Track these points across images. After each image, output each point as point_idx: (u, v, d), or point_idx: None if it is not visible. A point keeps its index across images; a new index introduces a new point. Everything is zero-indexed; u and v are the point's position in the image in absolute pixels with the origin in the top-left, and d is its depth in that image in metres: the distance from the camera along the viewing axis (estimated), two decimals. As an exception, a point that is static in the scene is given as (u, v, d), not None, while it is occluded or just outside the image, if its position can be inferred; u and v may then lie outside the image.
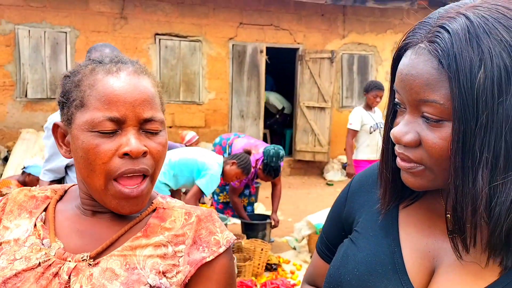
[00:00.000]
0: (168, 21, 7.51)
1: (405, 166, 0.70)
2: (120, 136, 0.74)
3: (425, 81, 0.64)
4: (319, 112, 8.10)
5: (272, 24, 8.08)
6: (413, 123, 0.67)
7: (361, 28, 8.64)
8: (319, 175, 8.54)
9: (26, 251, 0.76)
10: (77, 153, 0.75)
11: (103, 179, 0.74)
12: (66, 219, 0.81)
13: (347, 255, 0.80)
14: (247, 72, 8.02)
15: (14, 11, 6.78)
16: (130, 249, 0.76)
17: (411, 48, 0.67)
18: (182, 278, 0.76)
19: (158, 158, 0.78)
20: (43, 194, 0.85)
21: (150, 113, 0.76)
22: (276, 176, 4.40)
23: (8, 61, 6.84)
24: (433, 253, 0.73)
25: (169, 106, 7.66)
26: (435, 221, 0.75)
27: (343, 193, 0.92)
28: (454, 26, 0.62)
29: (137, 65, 0.80)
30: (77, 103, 0.76)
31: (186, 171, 3.59)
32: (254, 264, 3.69)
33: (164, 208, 0.84)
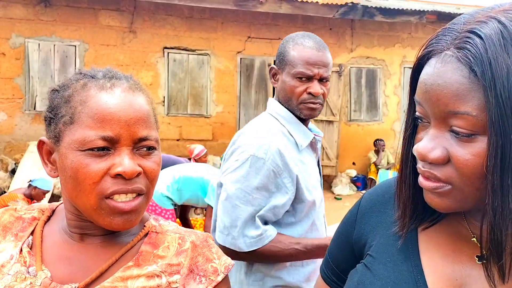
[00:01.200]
0: (177, 35, 7.55)
1: (431, 186, 0.63)
2: (113, 156, 0.69)
3: (454, 92, 0.58)
4: (327, 125, 8.06)
5: (280, 38, 8.09)
6: (440, 138, 0.61)
7: (369, 42, 8.63)
8: (327, 189, 8.45)
9: (10, 280, 0.70)
10: (66, 172, 0.70)
11: (94, 199, 0.69)
12: (54, 244, 0.75)
13: (362, 282, 0.73)
14: (255, 86, 8.01)
15: (25, 24, 6.85)
16: (121, 280, 0.71)
17: (435, 56, 0.61)
18: None
19: (152, 178, 0.73)
20: (30, 215, 0.79)
21: (146, 132, 0.71)
22: None
23: (18, 74, 6.89)
24: (460, 281, 0.67)
25: (176, 119, 7.65)
26: (459, 245, 0.69)
27: (351, 213, 0.84)
28: (486, 31, 0.57)
29: (131, 81, 0.76)
30: (67, 119, 0.70)
31: (192, 186, 3.57)
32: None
33: (157, 232, 0.78)
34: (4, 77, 6.84)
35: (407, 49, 8.83)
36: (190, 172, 3.62)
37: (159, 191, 3.49)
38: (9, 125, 6.90)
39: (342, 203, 7.54)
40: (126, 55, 7.31)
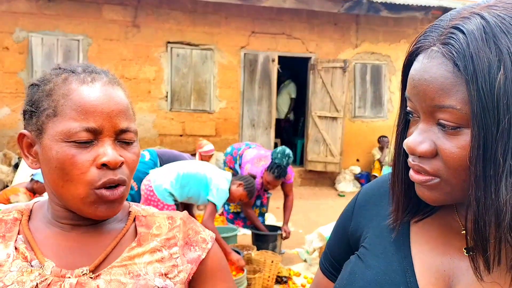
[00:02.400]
0: (180, 30, 7.51)
1: (420, 179, 0.65)
2: (96, 147, 0.73)
3: (439, 86, 0.59)
4: (331, 122, 8.01)
5: (284, 33, 8.05)
6: (428, 131, 0.63)
7: (374, 38, 8.56)
8: (331, 186, 8.42)
9: (16, 275, 0.72)
10: (51, 163, 0.73)
11: (83, 188, 0.73)
12: (47, 238, 0.78)
13: (354, 273, 0.75)
14: (259, 81, 7.97)
15: (28, 19, 6.84)
16: (129, 259, 0.77)
17: (423, 52, 0.63)
18: (185, 276, 0.80)
19: (132, 168, 0.78)
20: (10, 216, 0.81)
21: (126, 123, 0.76)
22: (279, 177, 4.21)
23: (21, 69, 6.88)
24: (448, 273, 0.69)
25: (179, 114, 7.63)
26: (449, 238, 0.71)
27: (349, 207, 0.87)
28: (469, 27, 0.58)
29: (110, 76, 0.80)
30: (49, 112, 0.74)
31: (194, 184, 3.58)
32: (264, 276, 3.60)
33: (144, 215, 0.85)
34: (8, 72, 6.84)
35: (413, 45, 8.75)
36: (194, 170, 3.64)
37: (162, 186, 3.49)
38: (12, 120, 6.90)
39: (345, 200, 7.50)
40: (129, 50, 7.29)
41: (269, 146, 7.91)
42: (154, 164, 4.11)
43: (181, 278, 0.79)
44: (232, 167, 4.89)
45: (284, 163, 4.17)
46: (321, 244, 4.16)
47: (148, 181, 3.57)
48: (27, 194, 3.98)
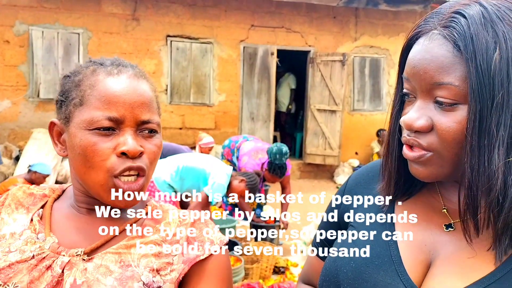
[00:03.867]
0: (180, 23, 7.53)
1: (414, 156, 0.70)
2: (117, 136, 0.76)
3: (440, 64, 0.65)
4: (330, 115, 8.05)
5: (284, 27, 8.06)
6: (425, 108, 0.68)
7: (373, 31, 8.58)
8: (329, 179, 8.48)
9: (21, 244, 0.77)
10: (75, 150, 0.77)
11: (103, 175, 0.76)
12: (62, 217, 0.83)
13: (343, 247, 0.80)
14: (258, 75, 8.00)
15: (28, 12, 6.86)
16: (125, 248, 0.78)
17: (423, 35, 0.68)
18: (176, 275, 0.78)
19: (153, 159, 0.80)
20: (41, 192, 0.87)
21: (148, 115, 0.79)
22: (282, 175, 4.33)
23: (22, 62, 6.92)
24: (429, 246, 0.74)
25: (179, 107, 7.68)
26: (431, 215, 0.76)
27: (339, 191, 0.93)
28: (469, 12, 0.65)
29: (136, 69, 0.83)
30: (77, 101, 0.78)
31: (193, 176, 3.62)
32: (262, 266, 3.66)
33: (158, 210, 0.86)
34: (9, 65, 6.87)
35: (412, 38, 8.77)
36: (194, 163, 3.68)
37: (162, 178, 3.54)
38: (13, 113, 6.95)
39: (344, 193, 7.56)
40: (129, 43, 7.32)
41: (268, 139, 7.96)
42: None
43: (172, 277, 0.78)
44: (229, 159, 4.95)
45: (284, 162, 4.25)
46: (318, 236, 4.22)
47: None
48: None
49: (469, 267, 0.69)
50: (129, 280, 0.74)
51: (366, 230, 0.80)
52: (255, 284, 3.16)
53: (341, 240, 0.83)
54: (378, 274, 0.73)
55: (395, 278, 0.72)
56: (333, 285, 0.77)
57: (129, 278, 0.74)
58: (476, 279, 0.67)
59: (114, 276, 0.74)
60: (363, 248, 0.78)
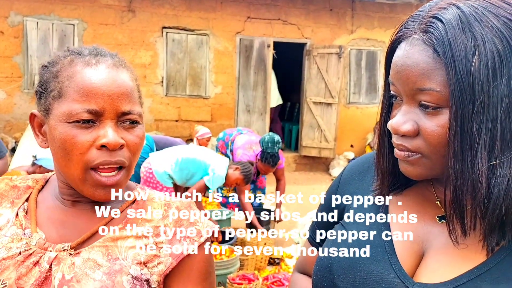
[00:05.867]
0: (176, 15, 7.50)
1: (403, 155, 0.71)
2: (97, 128, 0.74)
3: (421, 70, 0.65)
4: (325, 107, 8.06)
5: (280, 19, 8.04)
6: (411, 113, 0.69)
7: (370, 24, 8.57)
8: (325, 171, 8.51)
9: (7, 240, 0.77)
10: (55, 143, 0.76)
11: (80, 169, 0.74)
12: (47, 209, 0.82)
13: (337, 238, 0.82)
14: (254, 67, 7.99)
15: (23, 2, 6.80)
16: (111, 240, 0.77)
17: (404, 40, 0.69)
18: (163, 269, 0.78)
19: (135, 151, 0.78)
20: (24, 184, 0.85)
21: (128, 106, 0.76)
22: (275, 165, 4.34)
23: (16, 53, 6.88)
24: (422, 237, 0.75)
25: (175, 99, 7.67)
26: (425, 207, 0.78)
27: (335, 182, 0.94)
28: (446, 16, 0.65)
29: (116, 58, 0.80)
30: (55, 93, 0.76)
31: (192, 168, 3.67)
32: (257, 258, 3.69)
33: (143, 200, 0.84)
34: (3, 56, 6.83)
35: (408, 31, 8.76)
36: (193, 155, 3.75)
37: (162, 169, 3.59)
38: (8, 104, 6.92)
39: (339, 185, 7.59)
40: (125, 35, 7.28)
41: (264, 131, 7.96)
42: (150, 149, 4.19)
43: (159, 270, 0.77)
44: (224, 152, 4.96)
45: (276, 151, 4.26)
46: (313, 227, 4.26)
47: (148, 163, 3.68)
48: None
49: (461, 257, 0.70)
50: (117, 273, 0.74)
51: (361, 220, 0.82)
52: (250, 275, 3.19)
53: (336, 230, 0.84)
54: (371, 264, 0.75)
55: (387, 268, 0.73)
56: (327, 274, 0.79)
57: (118, 272, 0.74)
58: (467, 269, 0.68)
59: (102, 270, 0.74)
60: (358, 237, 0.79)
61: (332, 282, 0.77)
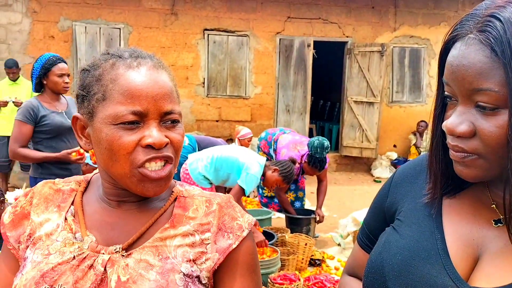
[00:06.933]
0: (217, 16, 7.60)
1: (458, 156, 0.70)
2: (142, 129, 0.76)
3: (478, 70, 0.64)
4: (367, 107, 7.93)
5: (321, 18, 7.98)
6: (467, 113, 0.68)
7: (413, 21, 8.35)
8: (366, 172, 8.37)
9: (60, 245, 0.79)
10: (101, 144, 0.77)
11: (128, 168, 0.76)
12: (95, 212, 0.83)
13: (389, 241, 0.81)
14: (294, 67, 7.98)
15: (72, 8, 7.11)
16: (160, 240, 0.79)
17: (460, 40, 0.68)
18: (211, 264, 0.79)
19: (178, 148, 0.80)
20: (68, 187, 0.87)
21: (170, 106, 0.78)
22: (322, 169, 4.34)
23: (66, 56, 7.18)
24: (477, 241, 0.74)
25: (215, 100, 7.77)
26: (480, 210, 0.76)
27: (386, 185, 0.93)
28: (505, 14, 0.64)
29: (155, 60, 0.82)
30: (99, 96, 0.77)
31: (227, 167, 3.64)
32: (298, 258, 3.69)
33: (185, 196, 0.86)
34: (54, 60, 7.15)
35: (454, 27, 8.46)
36: (227, 154, 3.71)
37: (197, 169, 3.60)
38: (58, 106, 7.24)
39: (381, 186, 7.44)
40: (168, 37, 7.46)
41: (304, 131, 7.94)
42: (193, 149, 4.26)
43: (207, 266, 0.79)
44: (266, 152, 4.98)
45: (324, 156, 4.25)
46: (355, 229, 4.20)
47: (185, 164, 3.71)
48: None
49: None
50: (170, 272, 0.76)
51: (413, 224, 0.81)
52: (292, 275, 3.19)
53: (388, 234, 0.83)
54: (424, 267, 0.74)
55: (441, 271, 0.72)
56: (378, 277, 0.78)
57: (170, 271, 0.76)
58: None
59: (156, 270, 0.76)
60: (410, 241, 0.78)
61: (384, 284, 0.76)
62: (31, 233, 0.81)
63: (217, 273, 0.80)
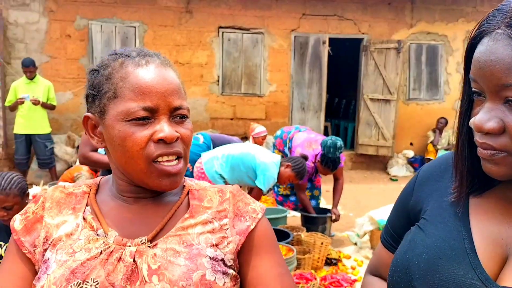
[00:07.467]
0: (232, 14, 7.59)
1: (487, 154, 0.68)
2: (153, 124, 0.79)
3: (506, 66, 0.63)
4: (383, 104, 7.83)
5: (336, 15, 7.91)
6: (495, 110, 0.66)
7: (430, 17, 8.22)
8: (383, 170, 8.28)
9: (84, 243, 0.80)
10: (114, 141, 0.80)
11: (143, 162, 0.79)
12: (112, 209, 0.85)
13: (414, 240, 0.80)
14: (309, 64, 7.92)
15: (88, 7, 7.17)
16: (182, 229, 0.82)
17: (487, 35, 0.67)
18: (234, 247, 0.83)
19: (187, 142, 0.84)
20: (79, 190, 0.89)
21: (179, 101, 0.82)
22: (335, 169, 4.29)
23: (82, 55, 7.25)
24: (506, 240, 0.73)
25: (230, 98, 7.76)
26: (508, 209, 0.75)
27: (410, 184, 0.92)
28: None
29: (162, 58, 0.85)
30: (110, 94, 0.80)
31: (243, 166, 3.64)
32: (314, 257, 3.65)
33: (197, 189, 0.90)
34: (70, 58, 7.23)
35: (472, 23, 8.30)
36: (243, 153, 3.70)
37: (213, 168, 3.59)
38: (75, 104, 7.32)
39: (398, 185, 7.36)
40: (182, 35, 7.47)
41: (319, 129, 7.88)
42: (208, 147, 4.24)
43: (230, 249, 0.82)
44: (281, 150, 4.95)
45: (337, 156, 4.21)
46: (372, 228, 4.15)
47: (199, 163, 3.70)
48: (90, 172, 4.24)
49: None
50: (197, 257, 0.79)
51: (439, 223, 0.80)
52: (308, 274, 3.16)
53: (413, 233, 0.82)
54: (451, 266, 0.73)
55: (469, 271, 0.71)
56: (404, 276, 0.77)
57: (197, 255, 0.79)
58: None
59: (183, 256, 0.78)
60: (437, 240, 0.77)
61: (410, 283, 0.76)
62: (48, 236, 0.83)
63: (241, 255, 0.84)
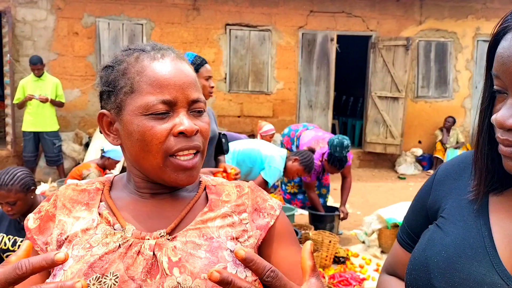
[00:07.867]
0: (239, 11, 7.56)
1: (509, 151, 0.67)
2: (172, 117, 0.78)
3: None
4: (391, 102, 7.77)
5: (344, 11, 7.85)
6: None
7: (439, 14, 8.14)
8: (390, 168, 8.22)
9: (101, 237, 0.78)
10: (132, 137, 0.79)
11: (161, 157, 0.78)
12: (128, 204, 0.84)
13: (433, 239, 0.79)
14: (317, 61, 7.88)
15: (95, 4, 7.17)
16: (202, 223, 0.81)
17: (510, 31, 0.66)
18: (255, 241, 0.82)
19: (206, 136, 0.83)
20: (93, 186, 0.87)
21: (196, 94, 0.81)
22: (342, 168, 4.26)
23: (90, 52, 7.27)
24: None
25: (237, 95, 7.74)
26: None
27: (428, 183, 0.91)
28: None
29: (176, 51, 0.85)
30: (127, 89, 0.79)
31: (249, 161, 3.66)
32: (322, 255, 3.63)
33: (213, 185, 0.89)
34: (78, 56, 7.25)
35: (481, 20, 8.22)
36: (249, 148, 3.73)
37: None
38: (82, 102, 7.34)
39: (406, 183, 7.31)
40: (190, 33, 7.46)
41: (326, 127, 7.84)
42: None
43: (251, 243, 0.81)
44: (289, 148, 4.93)
45: (344, 155, 4.17)
46: (380, 226, 4.11)
47: None
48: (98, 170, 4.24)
49: None
50: (218, 250, 0.77)
51: (458, 221, 0.79)
52: (316, 273, 3.14)
53: (432, 231, 0.81)
54: (471, 264, 0.72)
55: (490, 269, 0.70)
56: (423, 274, 0.76)
57: (218, 248, 0.77)
58: None
59: (204, 248, 0.77)
60: (456, 238, 0.76)
61: (429, 282, 0.75)
62: (62, 233, 0.81)
63: (262, 249, 0.83)
